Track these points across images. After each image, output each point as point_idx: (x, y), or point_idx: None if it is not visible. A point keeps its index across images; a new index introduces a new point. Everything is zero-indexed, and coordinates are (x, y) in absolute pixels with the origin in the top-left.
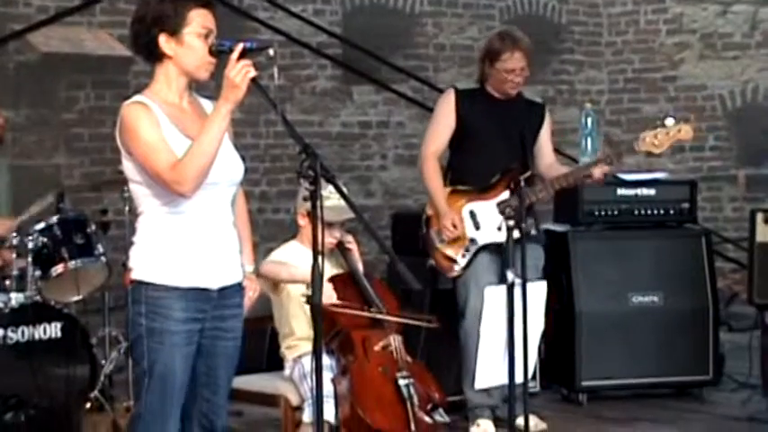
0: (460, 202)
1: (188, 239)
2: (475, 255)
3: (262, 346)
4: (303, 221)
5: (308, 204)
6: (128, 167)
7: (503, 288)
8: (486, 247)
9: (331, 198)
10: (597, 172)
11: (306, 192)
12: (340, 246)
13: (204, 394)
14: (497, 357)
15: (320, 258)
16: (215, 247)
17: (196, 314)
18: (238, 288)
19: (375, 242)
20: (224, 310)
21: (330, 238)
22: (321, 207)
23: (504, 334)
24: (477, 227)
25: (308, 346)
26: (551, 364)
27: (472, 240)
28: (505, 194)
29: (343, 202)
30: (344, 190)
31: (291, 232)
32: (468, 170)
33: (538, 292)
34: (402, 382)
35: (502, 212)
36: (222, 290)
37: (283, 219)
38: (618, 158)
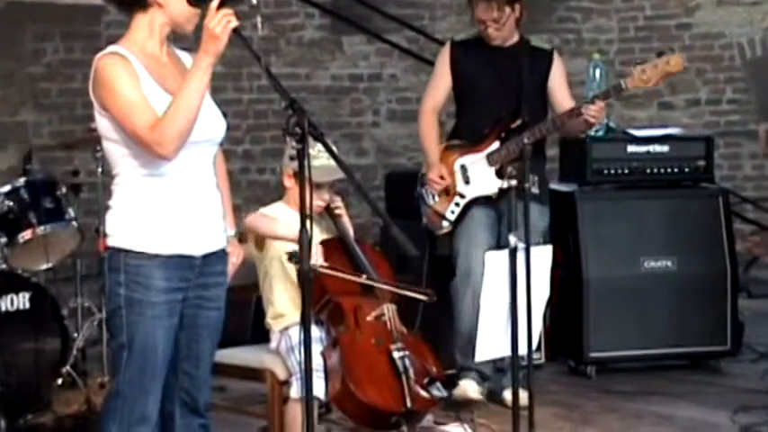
0: (453, 157)
1: (169, 203)
2: (465, 210)
3: (246, 317)
4: (290, 182)
5: (295, 164)
6: (102, 124)
7: (504, 253)
8: (476, 202)
9: (319, 157)
10: (592, 109)
11: (292, 151)
12: (329, 209)
13: (186, 369)
14: (499, 327)
15: (308, 222)
16: (198, 210)
17: (179, 283)
18: (222, 254)
19: (367, 204)
20: (208, 278)
21: (318, 201)
22: (309, 167)
23: (506, 302)
24: (466, 181)
25: (296, 317)
26: (557, 334)
27: (461, 195)
28: (495, 145)
29: (332, 162)
30: (334, 148)
31: (277, 194)
32: (467, 126)
33: (542, 256)
34: (396, 354)
35: (492, 165)
36: (206, 256)
37: (268, 180)
38: (615, 94)
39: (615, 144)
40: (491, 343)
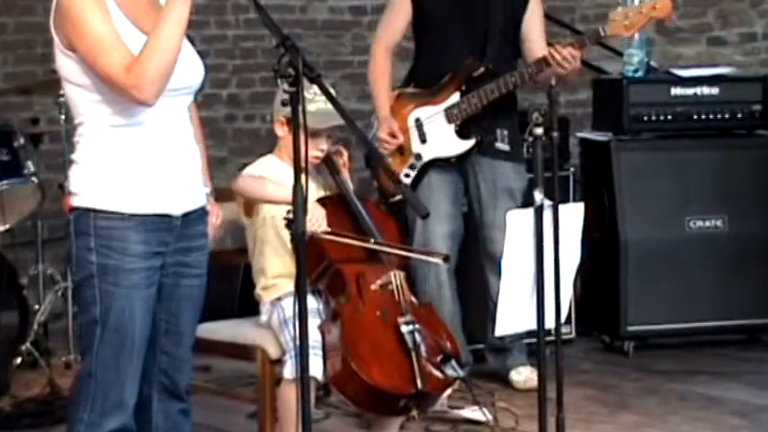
0: (407, 108)
1: (144, 156)
2: (421, 174)
3: (232, 287)
4: (282, 131)
5: (288, 110)
6: (65, 65)
7: (528, 212)
8: (434, 164)
9: (316, 102)
10: (560, 52)
11: (285, 94)
12: (327, 161)
13: (165, 346)
14: (522, 298)
15: (303, 177)
16: (176, 164)
17: (158, 247)
18: (202, 214)
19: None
20: (188, 241)
21: (315, 152)
22: (304, 113)
23: (530, 269)
24: (422, 139)
25: (290, 286)
26: (590, 305)
27: (416, 155)
28: (455, 97)
29: (330, 107)
30: (332, 91)
31: (268, 145)
32: (424, 69)
33: (573, 216)
34: (405, 328)
35: (451, 122)
36: (186, 216)
37: (258, 128)
38: (592, 40)
39: (657, 86)
40: (513, 315)
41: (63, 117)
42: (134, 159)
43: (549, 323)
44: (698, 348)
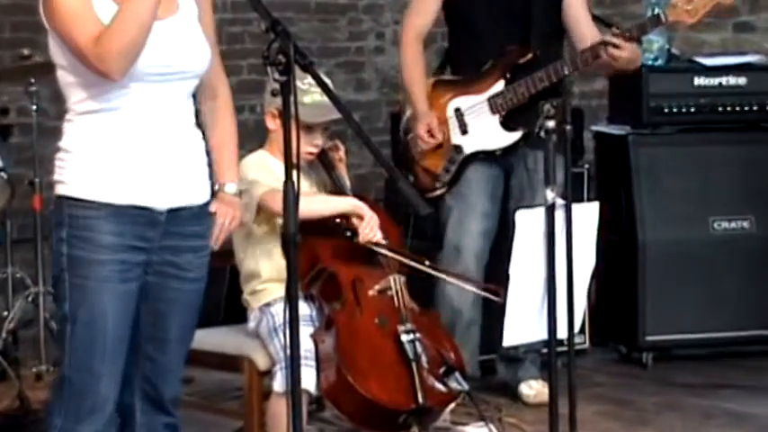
0: (445, 97)
1: (125, 143)
2: (462, 168)
3: (218, 292)
4: (273, 124)
5: (279, 101)
6: (51, 47)
7: (539, 211)
8: (475, 158)
9: (310, 92)
10: (619, 47)
11: (275, 84)
12: (323, 157)
13: (148, 352)
14: (532, 305)
15: (295, 174)
16: (163, 155)
17: (134, 241)
18: (200, 213)
19: (369, 152)
20: (178, 239)
21: (309, 147)
22: (296, 105)
23: (541, 273)
24: (463, 130)
25: (280, 291)
26: (605, 312)
27: (457, 148)
28: (499, 86)
29: (325, 98)
30: (327, 81)
31: (258, 138)
32: (462, 55)
33: (587, 215)
34: (405, 337)
35: (496, 113)
36: (174, 212)
37: (246, 120)
38: (652, 27)
39: (679, 75)
40: (522, 324)
41: (34, 108)
42: (111, 146)
43: (562, 333)
44: (723, 360)
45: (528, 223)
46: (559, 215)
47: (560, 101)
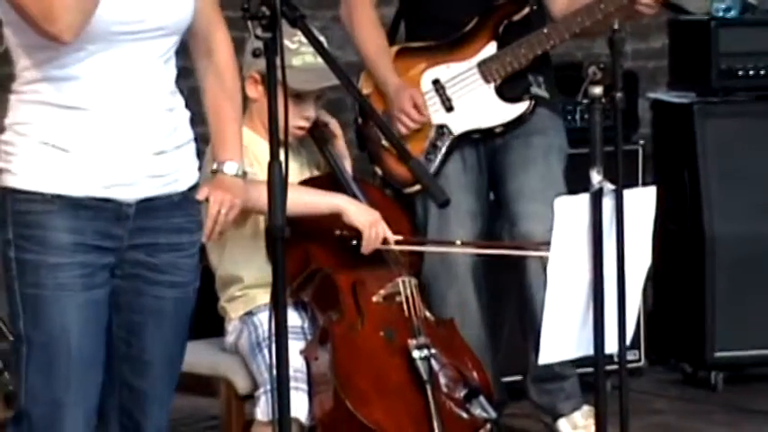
0: (416, 68)
1: (82, 120)
2: (448, 153)
3: None
4: (254, 92)
5: (263, 64)
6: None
7: (583, 199)
8: (463, 140)
9: (301, 53)
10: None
11: (258, 42)
12: (315, 132)
13: (124, 376)
14: (575, 314)
15: (282, 153)
16: (132, 134)
17: (97, 240)
18: (182, 201)
19: (373, 125)
20: (154, 235)
21: (299, 120)
22: (283, 67)
23: (585, 275)
24: (447, 106)
25: (265, 297)
26: (665, 323)
27: (441, 129)
28: (491, 48)
29: (319, 60)
30: (322, 39)
31: None
32: (432, 13)
33: (642, 204)
34: (417, 353)
35: (490, 80)
36: (146, 202)
37: None
38: None
39: (755, 30)
40: (562, 338)
41: None
42: (66, 125)
43: (611, 347)
44: None
45: (568, 213)
46: (608, 203)
47: (609, 62)
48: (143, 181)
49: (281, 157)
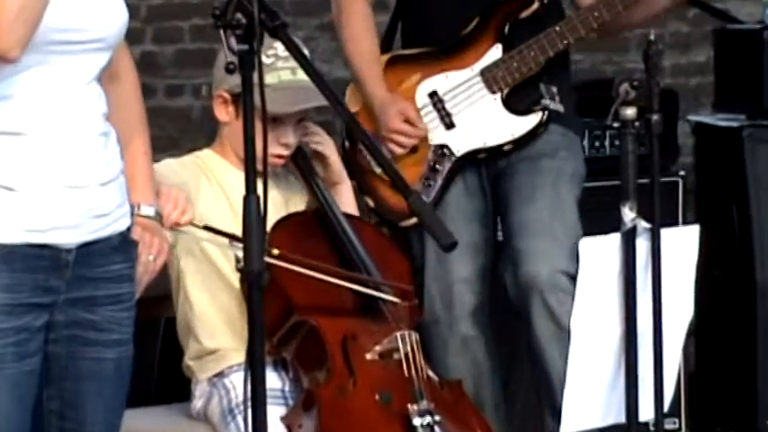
0: (410, 80)
1: (18, 148)
2: (450, 177)
3: (149, 355)
4: (225, 114)
5: (237, 80)
6: None
7: (613, 240)
8: (466, 160)
9: (276, 68)
10: None
11: (232, 56)
12: (298, 159)
13: None
14: (602, 375)
15: (261, 186)
16: (74, 162)
17: (34, 296)
18: (121, 243)
19: (366, 151)
20: (93, 287)
21: (277, 148)
22: (261, 85)
23: (615, 328)
24: (447, 122)
25: (239, 355)
26: (708, 385)
27: (440, 150)
28: (495, 52)
29: (299, 77)
30: (305, 51)
31: (205, 133)
32: (426, 17)
33: (683, 245)
34: (419, 421)
35: (496, 90)
36: (86, 248)
37: (188, 106)
38: None
39: None
40: (588, 403)
41: None
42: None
43: (646, 414)
44: None
45: (596, 256)
46: (642, 244)
47: (644, 78)
48: (86, 222)
49: (260, 190)
